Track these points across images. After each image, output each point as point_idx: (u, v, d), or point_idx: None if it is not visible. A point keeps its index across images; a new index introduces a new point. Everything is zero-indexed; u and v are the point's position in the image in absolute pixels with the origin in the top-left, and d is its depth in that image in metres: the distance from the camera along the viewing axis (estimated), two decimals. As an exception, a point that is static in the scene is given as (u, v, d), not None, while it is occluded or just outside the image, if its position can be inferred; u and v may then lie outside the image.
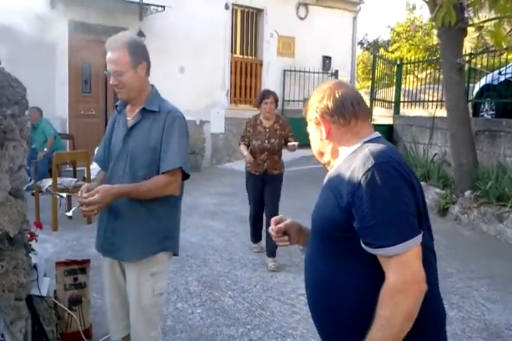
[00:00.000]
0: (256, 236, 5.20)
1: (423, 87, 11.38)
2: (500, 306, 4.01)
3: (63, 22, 8.40)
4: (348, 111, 1.50)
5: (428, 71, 13.66)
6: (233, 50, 11.18)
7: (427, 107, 10.27)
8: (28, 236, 2.92)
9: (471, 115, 7.60)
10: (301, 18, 12.09)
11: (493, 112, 7.90)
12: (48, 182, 5.91)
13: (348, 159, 1.46)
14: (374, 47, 26.95)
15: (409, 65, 11.43)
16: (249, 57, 11.60)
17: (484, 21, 6.33)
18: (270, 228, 1.75)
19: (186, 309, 3.78)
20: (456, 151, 6.69)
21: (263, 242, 5.10)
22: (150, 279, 2.35)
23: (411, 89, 11.28)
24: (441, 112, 8.99)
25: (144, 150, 2.31)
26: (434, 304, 1.41)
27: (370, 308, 1.32)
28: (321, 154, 1.59)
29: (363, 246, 1.35)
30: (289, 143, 4.75)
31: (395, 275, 1.28)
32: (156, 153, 2.30)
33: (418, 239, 1.31)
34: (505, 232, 5.72)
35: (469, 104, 7.72)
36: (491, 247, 5.56)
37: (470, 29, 7.34)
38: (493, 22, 5.77)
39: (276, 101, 4.87)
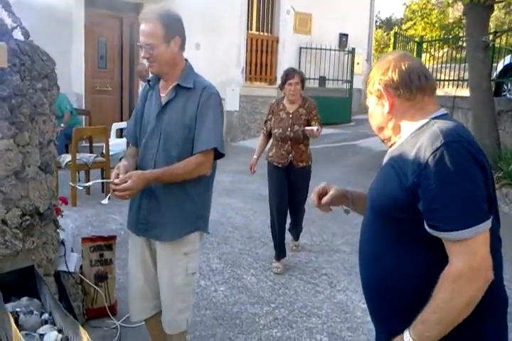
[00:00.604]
0: (280, 251, 4.19)
1: (439, 65, 11.17)
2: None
3: (79, -4, 8.27)
4: (414, 84, 1.41)
5: (444, 49, 13.41)
6: (249, 27, 10.99)
7: (443, 86, 10.08)
8: (55, 211, 2.91)
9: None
10: (319, -6, 11.83)
11: (516, 92, 7.74)
12: (67, 158, 5.89)
13: (413, 136, 1.38)
14: (387, 25, 26.48)
15: (428, 43, 11.20)
16: (265, 34, 11.41)
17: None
18: (311, 200, 1.67)
19: (209, 286, 3.78)
20: (479, 131, 6.58)
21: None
22: (183, 259, 2.32)
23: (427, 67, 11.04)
24: (459, 92, 8.82)
25: (178, 127, 2.24)
26: (498, 290, 1.36)
27: (428, 293, 1.27)
28: (381, 129, 1.50)
29: (427, 228, 1.28)
30: (307, 128, 3.99)
31: (462, 259, 1.23)
32: (191, 130, 2.23)
33: (487, 224, 1.25)
34: (527, 214, 5.66)
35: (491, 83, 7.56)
36: (513, 229, 5.51)
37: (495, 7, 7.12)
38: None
39: (303, 81, 4.15)
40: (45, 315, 1.94)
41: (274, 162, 4.20)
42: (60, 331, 1.83)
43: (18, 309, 1.89)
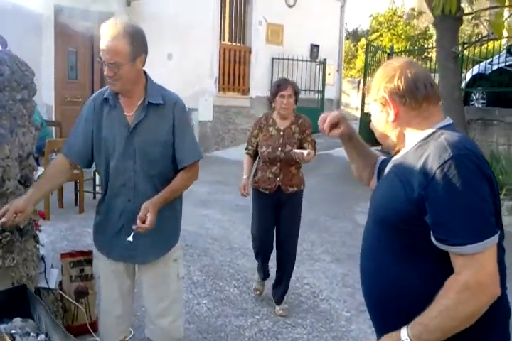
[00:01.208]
0: (264, 272, 3.83)
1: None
2: None
3: (49, 7, 8.14)
4: (420, 93, 1.39)
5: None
6: (222, 37, 11.02)
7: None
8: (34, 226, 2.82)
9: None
10: (290, 6, 11.96)
11: (484, 101, 7.95)
12: (39, 171, 5.73)
13: (419, 146, 1.36)
14: (354, 36, 26.94)
15: (399, 54, 11.44)
16: (238, 45, 11.45)
17: (483, 10, 6.32)
18: (321, 128, 1.61)
19: (192, 299, 3.73)
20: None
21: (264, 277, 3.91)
22: (174, 265, 2.34)
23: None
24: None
25: (154, 146, 2.16)
26: (502, 300, 1.35)
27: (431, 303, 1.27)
28: (385, 137, 1.48)
29: (433, 241, 1.28)
30: (296, 150, 3.34)
31: (469, 272, 1.22)
32: (168, 146, 2.18)
33: (495, 238, 1.25)
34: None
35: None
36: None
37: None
38: (488, 11, 5.77)
39: (296, 94, 3.54)
40: (42, 336, 1.86)
41: (260, 187, 3.56)
42: (59, 352, 1.76)
43: (13, 331, 1.81)
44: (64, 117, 8.85)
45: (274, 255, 3.74)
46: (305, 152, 3.26)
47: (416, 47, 15.34)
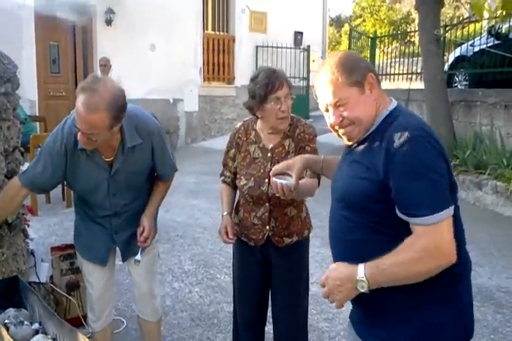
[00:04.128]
0: None
1: (389, 60, 11.46)
2: (488, 270, 4.13)
3: (29, -1, 8.03)
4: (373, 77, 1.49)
5: (393, 45, 13.76)
6: (205, 27, 10.94)
7: (394, 80, 10.36)
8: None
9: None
10: (272, -7, 11.90)
11: (467, 83, 8.01)
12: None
13: (377, 130, 1.45)
14: (337, 22, 26.89)
15: (383, 39, 11.46)
16: (222, 34, 11.38)
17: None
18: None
19: (183, 288, 3.76)
20: (434, 122, 6.77)
21: None
22: (155, 247, 2.54)
23: (378, 63, 11.34)
24: (412, 85, 9.08)
25: (136, 176, 2.26)
26: (466, 253, 1.48)
27: None
28: (360, 122, 1.46)
29: (399, 214, 1.37)
30: (276, 179, 1.86)
31: (428, 237, 1.32)
32: (150, 166, 2.28)
33: (451, 209, 1.36)
34: (485, 199, 5.89)
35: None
36: (472, 214, 5.66)
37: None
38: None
39: (291, 89, 2.31)
40: (36, 325, 1.89)
41: (242, 235, 2.38)
42: (54, 340, 1.79)
43: (6, 321, 1.83)
44: (48, 112, 8.78)
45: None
46: (288, 182, 1.83)
47: (399, 32, 15.35)
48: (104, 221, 2.32)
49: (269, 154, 2.30)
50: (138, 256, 2.30)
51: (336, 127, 1.50)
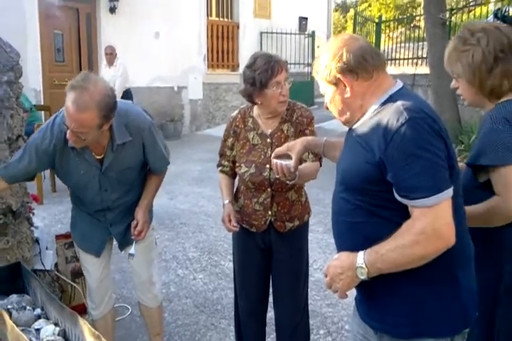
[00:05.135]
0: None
1: (395, 45, 11.35)
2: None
3: (32, -14, 8.00)
4: (369, 64, 1.45)
5: (399, 30, 13.61)
6: (209, 13, 10.87)
7: (399, 65, 10.27)
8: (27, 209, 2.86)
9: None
10: (277, -22, 11.78)
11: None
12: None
13: (377, 113, 1.43)
14: (343, 8, 26.60)
15: (388, 23, 11.34)
16: (225, 20, 11.30)
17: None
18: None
19: (188, 275, 3.80)
20: (439, 107, 6.73)
21: None
22: (152, 234, 2.56)
23: (383, 48, 11.24)
24: (418, 69, 9.00)
25: (128, 171, 2.28)
26: (469, 240, 1.48)
27: None
28: (343, 113, 1.54)
29: (397, 197, 1.36)
30: (277, 160, 1.89)
31: (426, 220, 1.31)
32: (140, 163, 2.30)
33: (450, 191, 1.34)
34: (490, 185, 5.85)
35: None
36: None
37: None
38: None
39: (287, 71, 2.33)
40: (38, 310, 1.93)
41: (243, 222, 2.40)
42: (55, 324, 1.82)
43: (9, 306, 1.87)
44: (53, 101, 8.78)
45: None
46: (288, 163, 1.86)
47: (405, 16, 15.17)
48: (98, 215, 2.35)
49: (268, 140, 2.32)
50: (132, 250, 2.33)
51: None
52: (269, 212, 2.33)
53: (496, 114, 1.71)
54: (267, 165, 2.25)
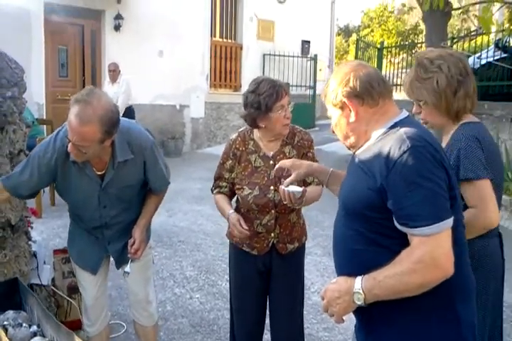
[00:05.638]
0: None
1: (396, 71, 11.47)
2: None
3: (39, 3, 8.11)
4: (375, 91, 1.49)
5: (402, 56, 13.78)
6: (213, 34, 11.01)
7: (401, 90, 10.34)
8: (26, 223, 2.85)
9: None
10: (281, 2, 11.96)
11: (473, 95, 8.01)
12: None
13: (380, 140, 1.45)
14: (345, 32, 27.00)
15: (387, 49, 11.50)
16: (229, 41, 11.45)
17: (471, 5, 6.37)
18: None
19: (184, 294, 3.76)
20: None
21: None
22: (150, 252, 2.58)
23: (385, 73, 11.35)
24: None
25: (127, 189, 2.28)
26: (470, 273, 1.47)
27: None
28: (347, 138, 1.57)
29: (397, 225, 1.37)
30: (285, 187, 1.93)
31: (425, 249, 1.31)
32: (140, 182, 2.31)
33: (450, 221, 1.35)
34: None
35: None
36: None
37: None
38: (476, 6, 5.82)
39: (289, 95, 2.35)
40: (34, 327, 1.90)
41: (243, 245, 2.38)
42: (51, 342, 1.80)
43: (5, 322, 1.84)
44: (55, 115, 8.84)
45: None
46: (297, 189, 1.93)
47: (406, 43, 15.39)
48: (96, 232, 2.35)
49: (271, 162, 2.33)
50: (127, 268, 2.30)
51: None
52: (272, 234, 2.33)
53: (467, 134, 1.85)
54: (271, 187, 2.28)
